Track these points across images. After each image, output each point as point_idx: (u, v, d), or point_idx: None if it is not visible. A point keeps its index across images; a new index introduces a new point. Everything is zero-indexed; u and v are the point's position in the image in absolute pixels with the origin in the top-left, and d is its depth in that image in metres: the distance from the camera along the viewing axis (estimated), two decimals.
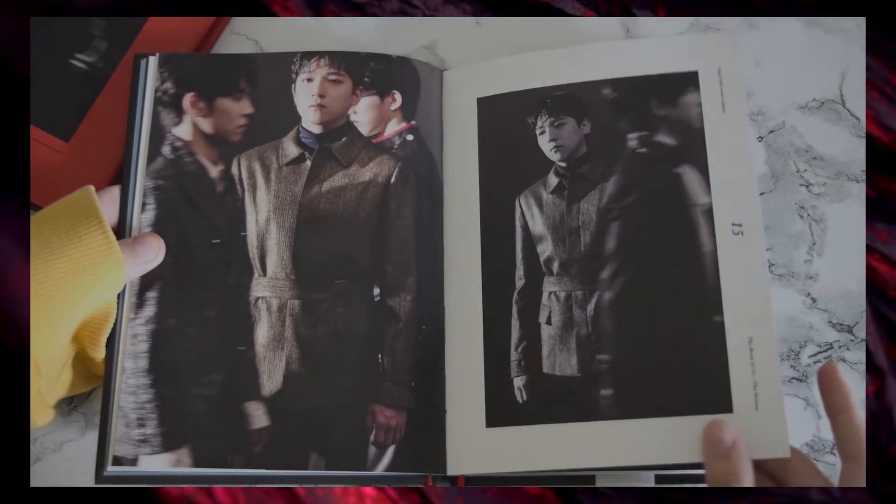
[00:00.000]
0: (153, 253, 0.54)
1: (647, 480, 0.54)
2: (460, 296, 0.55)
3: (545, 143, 0.56)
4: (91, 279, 0.49)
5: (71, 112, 0.59)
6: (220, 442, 0.51)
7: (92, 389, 0.56)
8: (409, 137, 0.57)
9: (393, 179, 0.56)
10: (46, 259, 0.48)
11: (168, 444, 0.51)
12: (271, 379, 0.52)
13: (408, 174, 0.56)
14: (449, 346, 0.54)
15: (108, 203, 0.53)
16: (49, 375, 0.49)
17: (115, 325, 0.53)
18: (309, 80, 0.57)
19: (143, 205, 0.56)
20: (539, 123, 0.57)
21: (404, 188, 0.56)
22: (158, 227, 0.55)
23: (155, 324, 0.53)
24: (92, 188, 0.52)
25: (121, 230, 0.55)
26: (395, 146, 0.57)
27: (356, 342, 0.53)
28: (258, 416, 0.52)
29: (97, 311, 0.51)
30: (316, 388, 0.52)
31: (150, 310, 0.54)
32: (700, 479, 0.53)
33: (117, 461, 0.51)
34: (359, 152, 0.56)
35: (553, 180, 0.56)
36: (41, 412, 0.50)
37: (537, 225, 0.55)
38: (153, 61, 0.58)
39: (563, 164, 0.56)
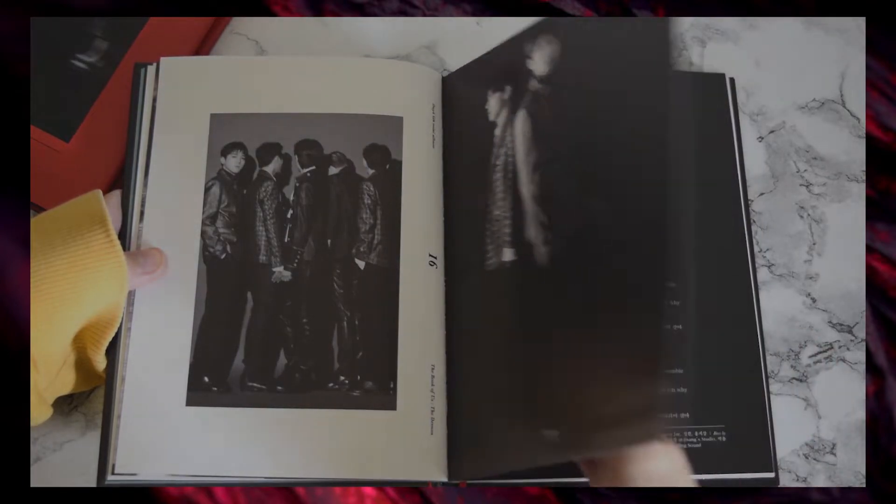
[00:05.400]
0: (153, 265, 0.54)
1: None
2: None
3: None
4: (92, 278, 0.49)
5: (71, 112, 0.59)
6: None
7: (93, 389, 0.56)
8: None
9: None
10: (48, 255, 0.48)
11: None
12: None
13: None
14: None
15: (112, 208, 0.53)
16: (47, 372, 0.49)
17: (117, 335, 0.53)
18: None
19: (142, 214, 0.56)
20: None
21: None
22: None
23: None
24: (100, 192, 0.52)
25: (121, 237, 0.55)
26: None
27: None
28: None
29: (101, 315, 0.51)
30: None
31: None
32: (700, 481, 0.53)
33: (119, 471, 0.51)
34: None
35: None
36: (38, 409, 0.50)
37: None
38: (151, 70, 0.58)
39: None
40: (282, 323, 0.55)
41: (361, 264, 0.56)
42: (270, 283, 0.56)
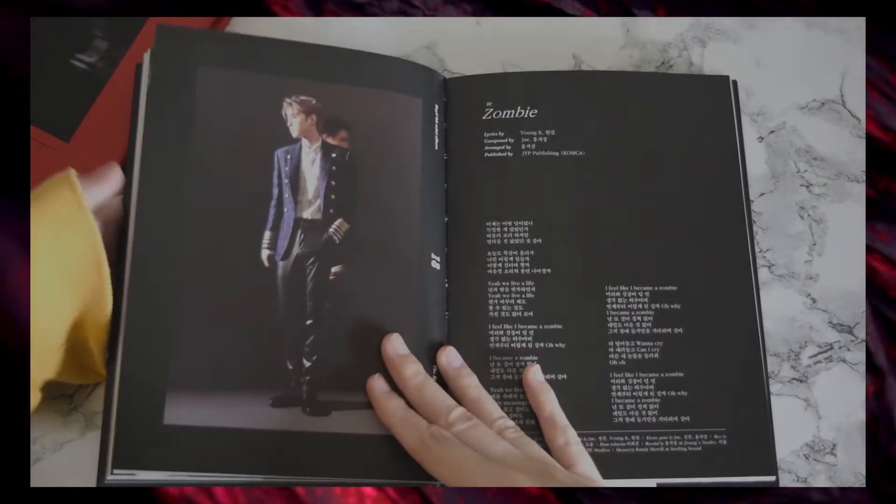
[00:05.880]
0: (112, 175, 0.54)
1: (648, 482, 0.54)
2: None
3: None
4: (55, 224, 0.48)
5: (71, 112, 0.59)
6: None
7: (93, 389, 0.56)
8: None
9: None
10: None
11: None
12: None
13: None
14: None
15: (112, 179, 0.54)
16: (39, 349, 0.49)
17: (117, 334, 0.52)
18: None
19: None
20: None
21: None
22: None
23: None
24: (73, 172, 0.50)
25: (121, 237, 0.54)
26: None
27: None
28: None
29: (87, 279, 0.50)
30: None
31: None
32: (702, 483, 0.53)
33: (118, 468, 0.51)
34: None
35: None
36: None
37: None
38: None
39: None
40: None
41: None
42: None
